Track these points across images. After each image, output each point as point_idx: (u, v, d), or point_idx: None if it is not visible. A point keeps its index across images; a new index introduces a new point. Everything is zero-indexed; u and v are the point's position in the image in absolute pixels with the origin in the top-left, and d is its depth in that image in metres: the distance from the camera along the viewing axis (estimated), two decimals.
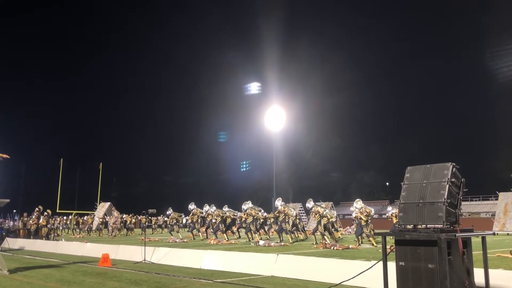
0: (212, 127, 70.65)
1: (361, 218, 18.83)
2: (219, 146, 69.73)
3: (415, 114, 63.43)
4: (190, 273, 10.21)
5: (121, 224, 35.15)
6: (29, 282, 9.14)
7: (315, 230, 20.01)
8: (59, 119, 72.23)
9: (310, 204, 20.95)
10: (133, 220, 38.34)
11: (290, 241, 20.84)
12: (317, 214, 19.74)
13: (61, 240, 22.33)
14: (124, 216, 37.10)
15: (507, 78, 53.58)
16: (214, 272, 10.36)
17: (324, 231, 19.18)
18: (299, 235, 23.58)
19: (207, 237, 25.45)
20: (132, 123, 77.39)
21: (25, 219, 26.09)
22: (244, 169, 65.89)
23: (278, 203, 22.79)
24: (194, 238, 25.39)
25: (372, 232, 18.56)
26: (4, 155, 10.74)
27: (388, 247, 6.63)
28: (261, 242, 19.62)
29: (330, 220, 20.17)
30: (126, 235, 32.53)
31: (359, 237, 18.62)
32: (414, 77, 63.57)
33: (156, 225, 38.03)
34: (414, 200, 6.01)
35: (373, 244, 18.01)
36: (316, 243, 19.09)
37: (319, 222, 19.59)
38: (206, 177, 70.40)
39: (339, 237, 24.57)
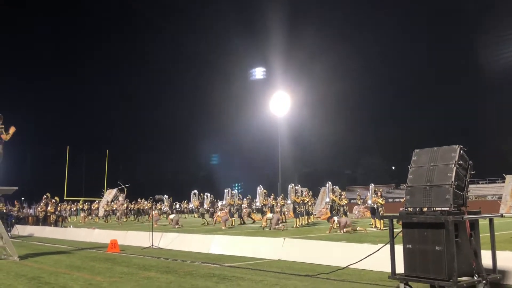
0: (216, 112, 70.50)
1: (377, 202, 19.17)
2: (223, 132, 69.70)
3: (421, 97, 62.84)
4: (198, 258, 10.31)
5: (129, 209, 35.43)
6: (40, 268, 9.27)
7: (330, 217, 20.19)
8: (65, 106, 72.35)
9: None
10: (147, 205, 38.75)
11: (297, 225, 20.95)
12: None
13: (70, 227, 22.57)
14: (136, 203, 37.33)
15: None
16: (221, 257, 10.46)
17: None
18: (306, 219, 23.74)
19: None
20: (139, 110, 77.28)
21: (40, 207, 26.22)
22: (249, 155, 66.02)
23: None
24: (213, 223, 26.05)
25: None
26: (12, 129, 10.72)
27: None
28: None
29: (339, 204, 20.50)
30: (137, 221, 32.65)
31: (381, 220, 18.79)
32: (419, 60, 62.93)
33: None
34: (421, 183, 6.00)
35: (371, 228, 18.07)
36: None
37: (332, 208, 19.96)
38: (210, 163, 70.58)
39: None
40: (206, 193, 29.14)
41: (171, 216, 24.75)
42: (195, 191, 29.28)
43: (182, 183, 64.23)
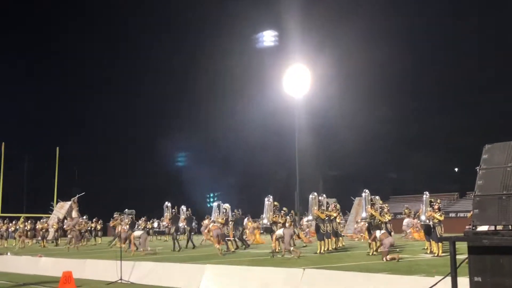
0: (206, 94, 70.47)
1: (434, 218, 19.20)
2: (217, 121, 69.70)
3: (498, 71, 62.40)
4: None
5: (86, 229, 35.62)
6: None
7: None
8: None
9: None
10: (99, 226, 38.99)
11: (322, 250, 20.99)
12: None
13: (6, 253, 22.68)
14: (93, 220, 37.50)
15: None
16: None
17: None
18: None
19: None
20: (106, 87, 77.22)
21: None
22: (255, 150, 65.91)
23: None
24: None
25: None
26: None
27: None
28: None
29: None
30: (95, 245, 32.89)
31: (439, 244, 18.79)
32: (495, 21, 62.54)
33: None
34: (495, 191, 5.99)
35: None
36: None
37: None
38: (201, 162, 70.42)
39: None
40: (182, 207, 29.05)
41: (137, 233, 24.73)
42: (168, 203, 29.31)
43: (154, 193, 64.46)
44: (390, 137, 65.86)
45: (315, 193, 23.66)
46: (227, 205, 27.06)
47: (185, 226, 27.99)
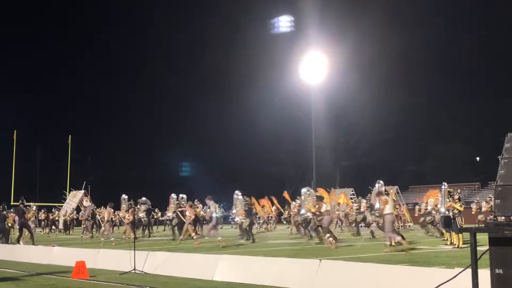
0: (221, 80, 70.32)
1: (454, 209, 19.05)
2: (231, 109, 69.57)
3: None
4: None
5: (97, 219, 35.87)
6: None
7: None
8: (11, 78, 73.24)
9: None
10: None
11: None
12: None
13: (20, 243, 22.93)
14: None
15: None
16: (231, 286, 10.54)
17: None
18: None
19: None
20: (116, 81, 77.57)
21: None
22: (269, 140, 65.63)
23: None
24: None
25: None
26: None
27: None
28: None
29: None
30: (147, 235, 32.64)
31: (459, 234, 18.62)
32: None
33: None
34: None
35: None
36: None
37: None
38: (212, 151, 70.45)
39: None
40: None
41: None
42: (173, 195, 29.20)
43: (166, 183, 64.78)
44: (411, 126, 65.54)
45: (308, 188, 23.86)
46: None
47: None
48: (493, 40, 64.89)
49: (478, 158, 70.45)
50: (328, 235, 19.97)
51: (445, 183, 21.03)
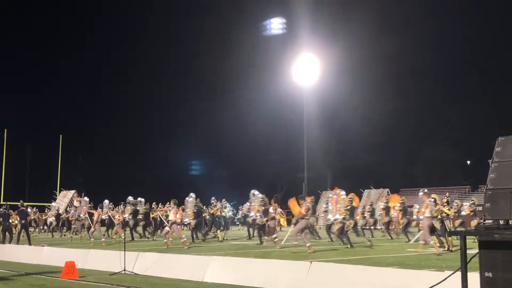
0: (213, 82, 70.30)
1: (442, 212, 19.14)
2: (225, 109, 69.49)
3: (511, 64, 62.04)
4: None
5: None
6: None
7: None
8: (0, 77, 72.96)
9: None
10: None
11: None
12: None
13: (8, 243, 22.82)
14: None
15: None
16: (222, 287, 10.54)
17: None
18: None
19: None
20: (106, 81, 77.36)
21: None
22: (261, 142, 65.61)
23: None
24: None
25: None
26: None
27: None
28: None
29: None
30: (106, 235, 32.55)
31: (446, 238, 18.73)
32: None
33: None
34: (508, 185, 5.98)
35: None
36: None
37: None
38: (203, 152, 70.40)
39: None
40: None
41: None
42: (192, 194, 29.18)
43: (162, 183, 64.55)
44: (402, 129, 65.76)
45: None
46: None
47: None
48: (483, 43, 65.26)
49: (468, 162, 70.76)
50: (274, 235, 20.90)
51: (425, 190, 20.98)
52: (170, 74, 75.16)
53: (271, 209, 22.44)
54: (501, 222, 6.06)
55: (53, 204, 47.20)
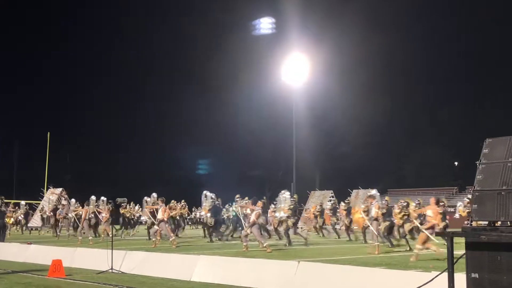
0: (202, 81, 70.21)
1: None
2: (212, 109, 69.50)
3: (501, 66, 62.36)
4: None
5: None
6: None
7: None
8: None
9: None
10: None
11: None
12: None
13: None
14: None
15: None
16: (209, 287, 10.53)
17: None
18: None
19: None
20: (93, 76, 77.06)
21: None
22: (250, 142, 65.60)
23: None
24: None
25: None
26: None
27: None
28: None
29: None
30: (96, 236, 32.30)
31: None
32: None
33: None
34: (495, 187, 6.01)
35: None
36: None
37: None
38: (192, 152, 70.24)
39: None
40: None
41: None
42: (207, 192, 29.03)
43: (155, 180, 64.35)
44: (392, 130, 66.02)
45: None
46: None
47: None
48: (473, 45, 65.61)
49: (456, 163, 71.12)
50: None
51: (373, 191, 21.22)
52: (158, 72, 75.11)
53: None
54: (488, 223, 6.08)
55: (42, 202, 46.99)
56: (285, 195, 22.85)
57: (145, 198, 28.59)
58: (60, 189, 47.53)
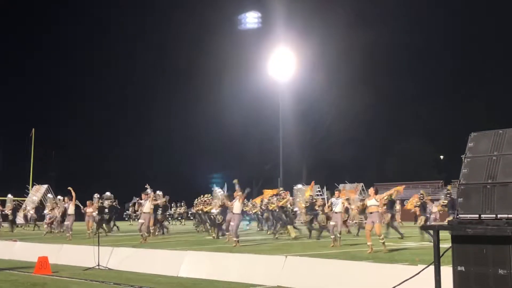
0: (188, 77, 69.93)
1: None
2: (199, 104, 69.21)
3: (484, 60, 62.67)
4: (163, 284, 10.37)
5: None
6: None
7: None
8: None
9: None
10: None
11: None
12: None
13: None
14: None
15: None
16: (197, 282, 10.51)
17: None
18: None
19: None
20: (82, 68, 76.33)
21: None
22: (236, 136, 65.48)
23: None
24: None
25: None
26: None
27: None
28: None
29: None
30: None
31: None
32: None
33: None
34: (480, 180, 6.05)
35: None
36: None
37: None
38: (178, 148, 70.02)
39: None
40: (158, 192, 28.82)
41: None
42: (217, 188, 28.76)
43: (144, 175, 64.07)
44: (376, 124, 66.11)
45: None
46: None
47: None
48: (458, 39, 65.92)
49: (442, 157, 71.44)
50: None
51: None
52: (143, 68, 74.68)
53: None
54: (474, 216, 6.11)
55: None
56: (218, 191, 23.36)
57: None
58: (46, 185, 47.37)
